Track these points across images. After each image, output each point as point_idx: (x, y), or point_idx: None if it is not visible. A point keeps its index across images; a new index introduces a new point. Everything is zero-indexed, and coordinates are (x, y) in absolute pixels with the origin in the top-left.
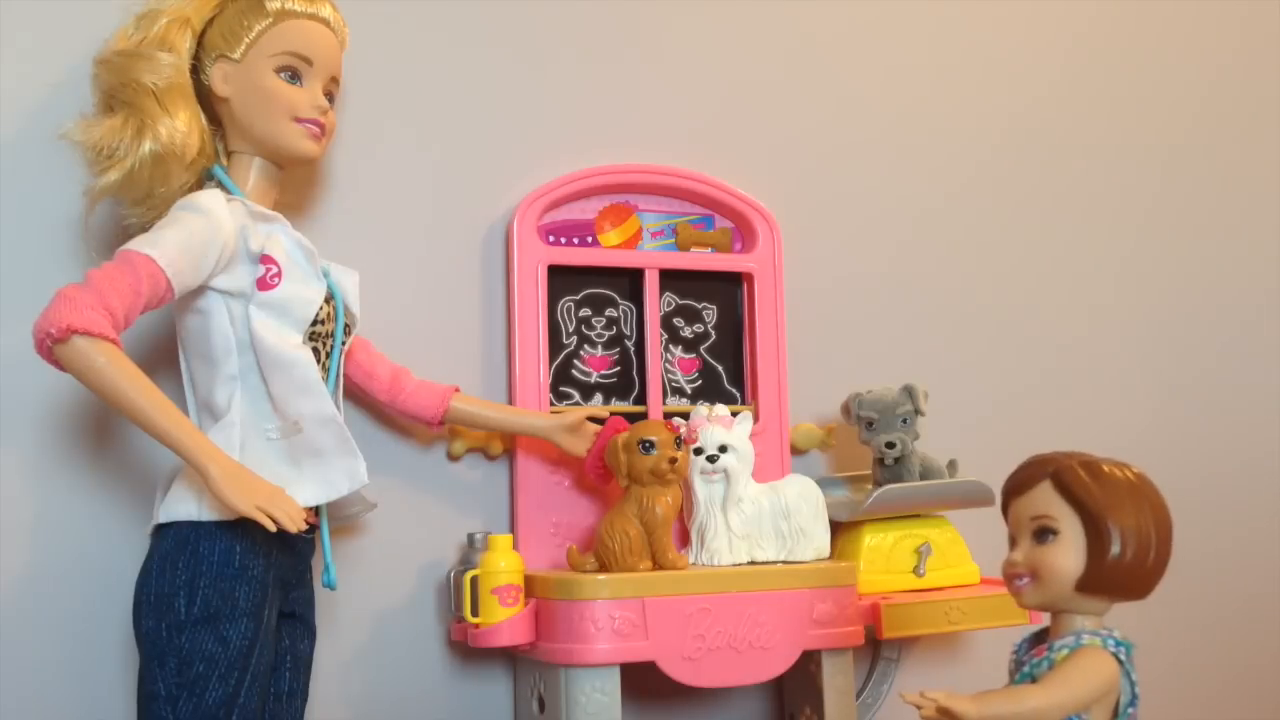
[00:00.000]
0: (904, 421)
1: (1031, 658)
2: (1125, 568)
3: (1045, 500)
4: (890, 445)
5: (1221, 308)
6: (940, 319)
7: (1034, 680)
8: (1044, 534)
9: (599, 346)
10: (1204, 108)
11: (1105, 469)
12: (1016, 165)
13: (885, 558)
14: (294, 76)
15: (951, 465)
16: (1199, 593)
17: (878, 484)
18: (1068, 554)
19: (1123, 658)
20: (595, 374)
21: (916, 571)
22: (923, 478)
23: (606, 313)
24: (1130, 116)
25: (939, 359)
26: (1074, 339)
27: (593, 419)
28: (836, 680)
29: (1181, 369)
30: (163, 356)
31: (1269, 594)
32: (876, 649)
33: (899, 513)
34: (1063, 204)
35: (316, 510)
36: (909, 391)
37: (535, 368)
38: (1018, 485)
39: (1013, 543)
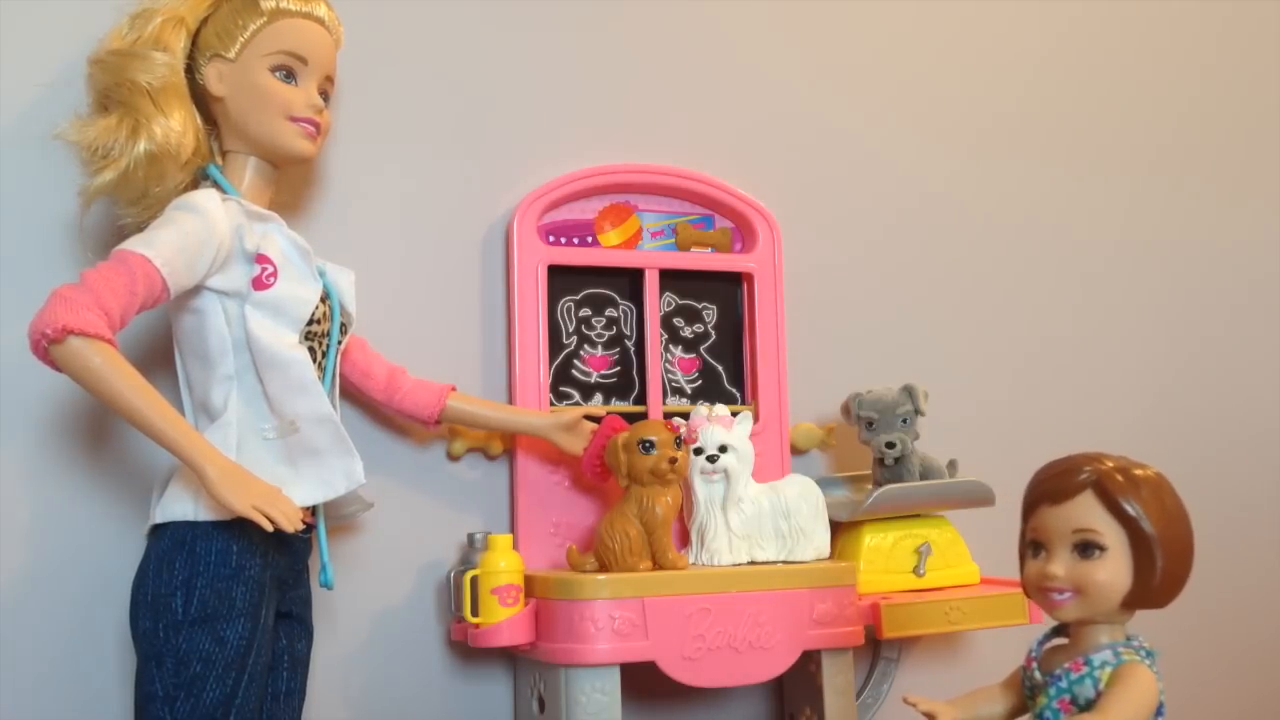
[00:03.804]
0: (904, 421)
1: (1067, 671)
2: (1168, 580)
3: (1089, 513)
4: (890, 445)
5: (1225, 308)
6: (940, 319)
7: (1074, 698)
8: (1089, 549)
9: (599, 346)
10: (1207, 104)
11: (1139, 474)
12: (1017, 166)
13: (885, 558)
14: (289, 75)
15: (951, 465)
16: (1206, 594)
17: (878, 484)
18: (1115, 570)
19: (1156, 669)
20: (595, 374)
21: (916, 571)
22: (923, 478)
23: (606, 313)
24: (1132, 116)
25: (939, 359)
26: (1075, 339)
27: (590, 418)
28: (836, 680)
29: (1183, 370)
30: (159, 357)
31: (1273, 594)
32: (876, 649)
33: (899, 513)
34: (1064, 204)
35: (314, 510)
36: (909, 391)
37: (535, 368)
38: (1054, 493)
39: (1035, 549)
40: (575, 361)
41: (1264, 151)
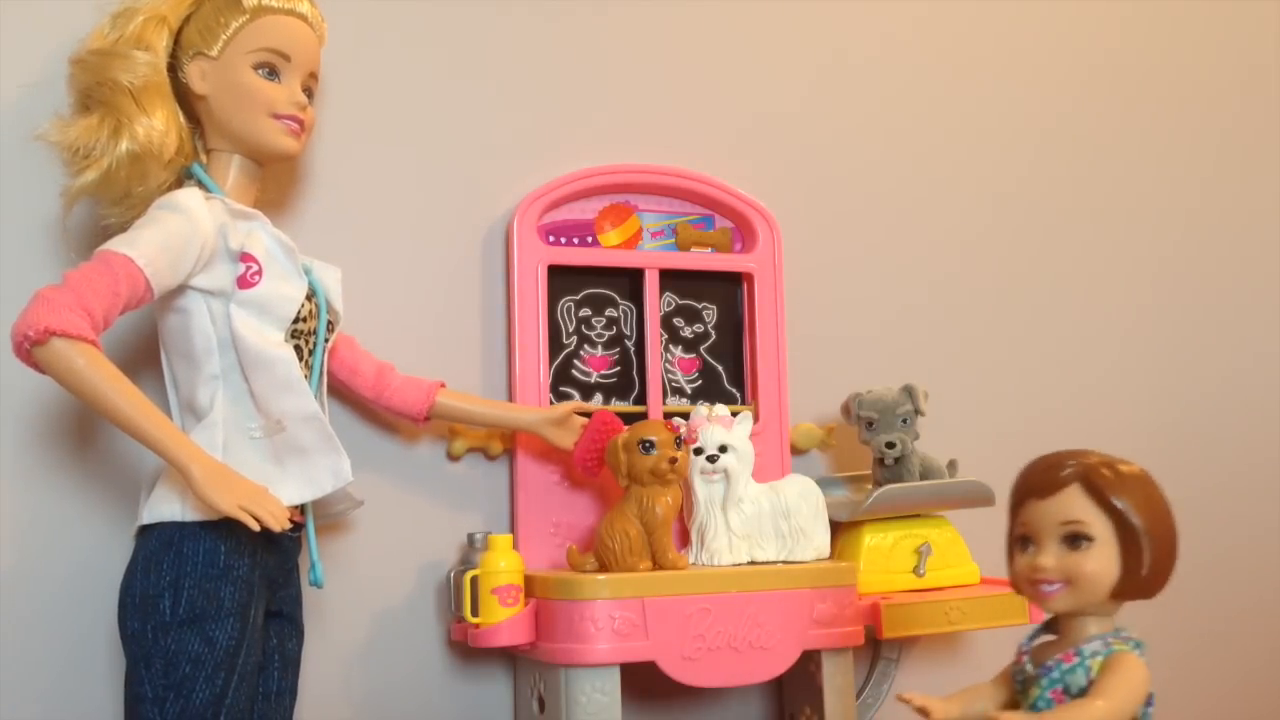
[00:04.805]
0: (904, 421)
1: (1059, 662)
2: (1155, 571)
3: (1076, 505)
4: (890, 445)
5: (1226, 309)
6: (941, 319)
7: (1066, 688)
8: (1077, 540)
9: (599, 346)
10: (1216, 113)
11: (1124, 469)
12: (1018, 167)
13: (885, 558)
14: (272, 73)
15: (951, 465)
16: (1203, 592)
17: (878, 484)
18: (1104, 560)
19: (1145, 659)
20: (595, 374)
21: (916, 571)
22: (923, 478)
23: (606, 313)
24: (1138, 120)
25: (939, 359)
26: (1075, 339)
27: (581, 412)
28: (836, 680)
29: (1184, 369)
30: (145, 356)
31: (1272, 595)
32: (876, 649)
33: (899, 513)
34: (1064, 206)
35: (302, 509)
36: (909, 391)
37: (535, 368)
38: (1041, 487)
39: (1024, 544)
40: (575, 361)
41: (1267, 151)
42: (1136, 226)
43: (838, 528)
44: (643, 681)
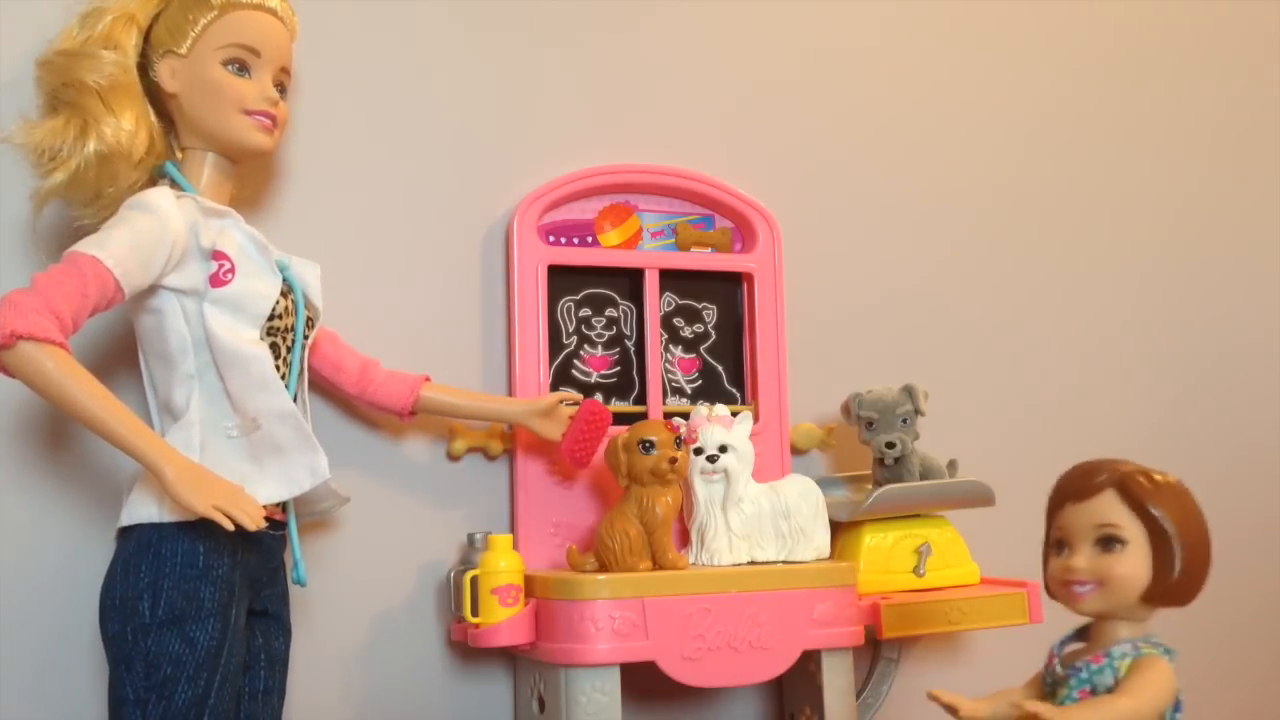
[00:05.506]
0: (904, 421)
1: (1088, 663)
2: (1187, 578)
3: (1111, 509)
4: (890, 445)
5: (1228, 308)
6: (940, 319)
7: (1094, 688)
8: (1110, 543)
9: (599, 346)
10: (1213, 114)
11: (1159, 478)
12: (1018, 167)
13: (885, 558)
14: (242, 69)
15: (951, 465)
16: (1215, 596)
17: (878, 484)
18: (1136, 564)
19: (1174, 666)
20: (595, 374)
21: (916, 571)
22: (923, 478)
23: (606, 313)
24: (1134, 120)
25: (939, 359)
26: (1074, 339)
27: (567, 402)
28: (836, 680)
29: (1183, 369)
30: (121, 358)
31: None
32: (876, 649)
33: (899, 513)
34: (1062, 206)
35: (284, 507)
36: (909, 391)
37: (535, 368)
38: (1078, 491)
39: (1059, 548)
40: (575, 361)
41: (1268, 150)
42: (1138, 224)
43: (838, 528)
44: (643, 681)
